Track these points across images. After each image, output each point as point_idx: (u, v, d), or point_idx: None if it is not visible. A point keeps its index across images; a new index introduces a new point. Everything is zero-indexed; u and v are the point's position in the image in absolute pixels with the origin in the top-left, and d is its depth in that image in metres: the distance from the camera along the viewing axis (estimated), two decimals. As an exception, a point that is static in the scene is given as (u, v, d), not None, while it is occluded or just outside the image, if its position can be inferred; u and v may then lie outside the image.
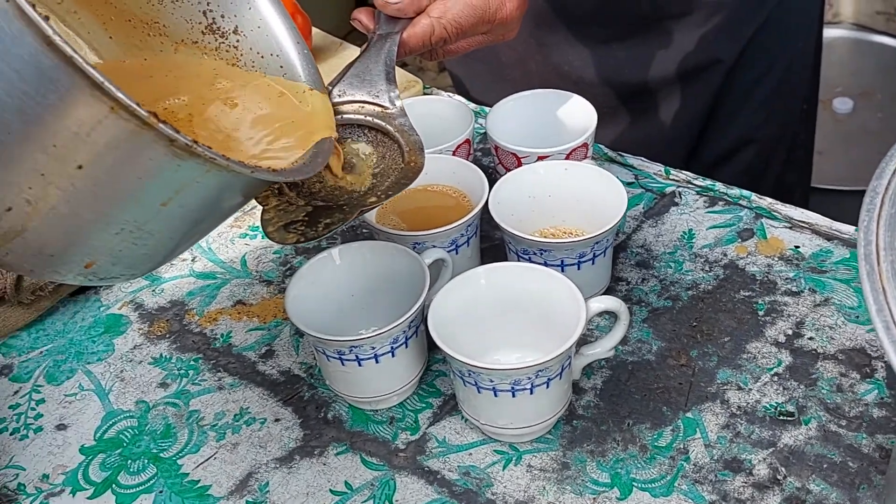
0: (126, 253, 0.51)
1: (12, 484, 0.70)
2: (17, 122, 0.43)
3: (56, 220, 0.47)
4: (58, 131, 0.44)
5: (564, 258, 0.72)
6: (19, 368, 0.79)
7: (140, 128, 0.44)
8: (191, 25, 0.65)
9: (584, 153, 0.81)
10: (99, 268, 0.52)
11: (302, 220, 0.59)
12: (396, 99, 0.65)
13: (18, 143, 0.44)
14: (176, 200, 0.49)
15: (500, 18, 0.69)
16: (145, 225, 0.50)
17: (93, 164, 0.45)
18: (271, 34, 0.64)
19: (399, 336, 0.68)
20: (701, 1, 0.98)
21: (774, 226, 0.82)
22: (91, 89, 0.43)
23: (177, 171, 0.47)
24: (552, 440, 0.68)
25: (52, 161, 0.45)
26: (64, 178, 0.46)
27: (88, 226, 0.49)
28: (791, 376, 0.70)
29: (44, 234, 0.48)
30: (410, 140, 0.63)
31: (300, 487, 0.67)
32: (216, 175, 0.49)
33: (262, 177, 0.52)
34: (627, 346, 0.74)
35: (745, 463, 0.65)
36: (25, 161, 0.45)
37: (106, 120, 0.44)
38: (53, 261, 0.50)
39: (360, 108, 0.65)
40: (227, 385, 0.76)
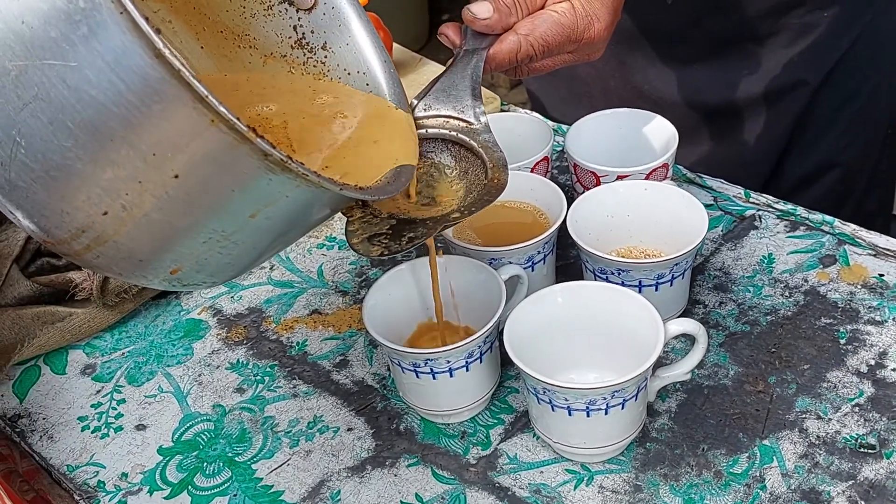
0: (211, 261, 0.53)
1: (92, 481, 0.72)
2: (121, 130, 0.45)
3: (148, 226, 0.49)
4: (158, 141, 0.45)
5: (642, 279, 0.72)
6: (102, 368, 0.82)
7: (238, 141, 0.45)
8: (280, 39, 0.66)
9: (664, 174, 0.81)
10: (183, 274, 0.53)
11: (385, 234, 0.59)
12: (482, 115, 0.65)
13: (120, 150, 0.45)
14: (264, 213, 0.50)
15: (588, 38, 0.69)
16: (232, 235, 0.51)
17: (188, 174, 0.47)
18: (359, 51, 0.65)
19: (474, 351, 0.68)
20: (787, 22, 0.96)
21: (858, 252, 0.81)
22: (194, 102, 0.44)
23: (268, 185, 0.48)
24: (625, 462, 0.68)
25: (149, 169, 0.46)
26: (160, 186, 0.47)
27: (178, 233, 0.50)
28: (873, 408, 0.69)
29: (135, 240, 0.49)
30: (494, 157, 0.63)
31: (371, 497, 0.68)
32: (305, 190, 0.50)
33: (349, 194, 0.53)
34: (703, 370, 0.73)
35: (824, 494, 0.63)
36: (125, 168, 0.46)
37: (206, 132, 0.45)
38: (142, 265, 0.51)
39: (445, 123, 0.65)
40: (301, 393, 0.77)
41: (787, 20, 0.97)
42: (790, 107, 1.02)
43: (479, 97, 0.66)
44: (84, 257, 0.50)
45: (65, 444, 0.75)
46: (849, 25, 0.99)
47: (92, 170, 0.46)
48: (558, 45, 0.68)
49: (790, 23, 0.97)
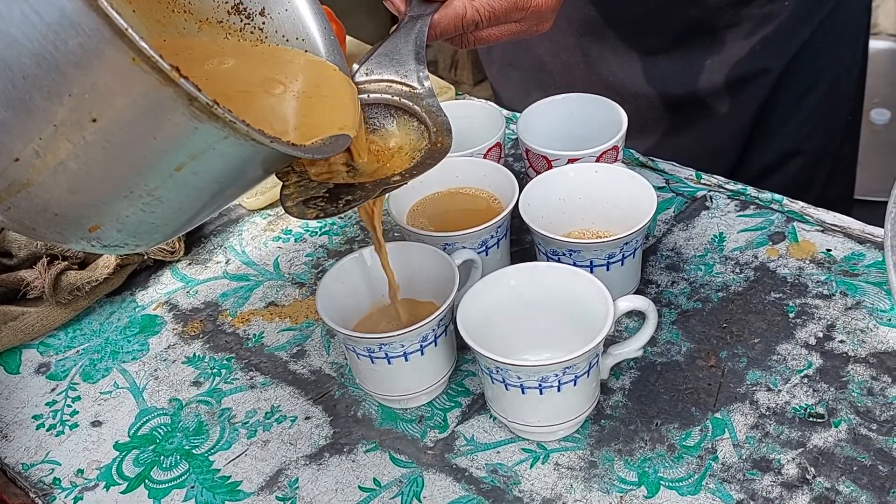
0: (133, 219, 0.50)
1: (48, 478, 0.71)
2: (34, 68, 0.42)
3: (64, 175, 0.46)
4: (75, 80, 0.42)
5: (594, 259, 0.72)
6: (56, 367, 0.81)
7: (161, 82, 0.42)
8: (217, 4, 0.63)
9: (614, 156, 0.82)
10: (103, 233, 0.50)
11: (322, 196, 0.58)
12: (425, 80, 0.64)
13: (32, 89, 0.42)
14: (190, 167, 0.47)
15: (535, 6, 0.68)
16: (156, 191, 0.48)
17: (108, 118, 0.43)
18: (298, 18, 0.63)
19: (428, 334, 0.68)
20: (750, 12, 0.97)
21: (806, 229, 0.82)
22: (114, 38, 0.41)
23: (194, 134, 0.45)
24: (580, 439, 0.68)
25: (65, 111, 0.43)
26: (76, 130, 0.44)
27: (97, 185, 0.47)
28: (821, 379, 0.70)
29: (50, 190, 0.46)
30: (438, 121, 0.62)
31: (329, 484, 0.68)
32: (234, 143, 0.47)
33: (280, 149, 0.50)
34: (656, 347, 0.74)
35: (774, 463, 0.64)
36: (38, 110, 0.43)
37: (126, 71, 0.42)
38: (58, 220, 0.48)
39: (388, 88, 0.64)
40: (258, 384, 0.77)
41: (750, 10, 0.98)
42: (753, 95, 1.03)
43: (422, 62, 0.64)
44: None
45: (20, 442, 0.74)
46: (810, 13, 1.00)
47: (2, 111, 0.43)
48: (504, 11, 0.67)
49: (752, 12, 0.98)
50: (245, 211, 0.95)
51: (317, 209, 0.57)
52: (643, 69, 1.03)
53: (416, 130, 0.64)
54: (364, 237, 0.90)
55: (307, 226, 0.93)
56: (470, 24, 0.67)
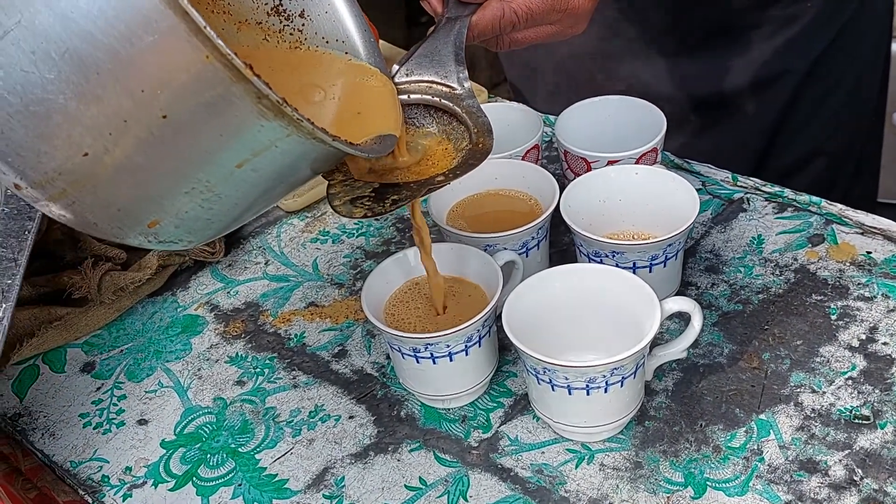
0: (191, 215, 0.50)
1: (97, 476, 0.72)
2: (109, 63, 0.42)
3: (131, 170, 0.46)
4: (148, 76, 0.42)
5: (637, 260, 0.73)
6: (101, 366, 0.82)
7: (233, 79, 0.42)
8: (257, 6, 0.63)
9: (653, 158, 0.82)
10: (161, 228, 0.50)
11: (368, 196, 0.58)
12: (465, 81, 0.64)
13: (106, 85, 0.42)
14: (251, 163, 0.48)
15: (572, 7, 0.69)
16: (216, 186, 0.49)
17: (177, 114, 0.44)
18: (338, 19, 0.63)
19: (473, 335, 0.69)
20: (773, 13, 0.98)
21: (845, 231, 0.82)
22: (189, 35, 0.41)
23: (259, 132, 0.46)
24: (624, 440, 0.69)
25: (136, 107, 0.43)
26: (145, 126, 0.44)
27: (161, 180, 0.47)
28: (865, 380, 0.70)
29: (115, 185, 0.46)
30: (479, 122, 0.62)
31: (375, 482, 0.68)
32: (295, 140, 0.47)
33: (341, 147, 0.50)
34: (698, 349, 0.74)
35: (821, 464, 0.65)
36: (110, 105, 0.43)
37: (199, 68, 0.42)
38: (120, 216, 0.49)
39: (428, 89, 0.64)
40: (301, 383, 0.77)
41: (773, 11, 0.98)
42: (776, 96, 1.03)
43: (462, 63, 0.64)
44: (58, 204, 0.47)
45: (67, 440, 0.75)
46: (834, 15, 1.00)
47: (75, 106, 0.43)
48: (542, 13, 0.68)
49: (775, 14, 0.98)
50: (283, 213, 0.96)
51: (364, 208, 0.58)
52: (666, 71, 1.04)
53: (457, 131, 0.64)
54: (401, 238, 0.91)
55: (344, 227, 0.93)
56: (507, 25, 0.68)
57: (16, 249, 0.72)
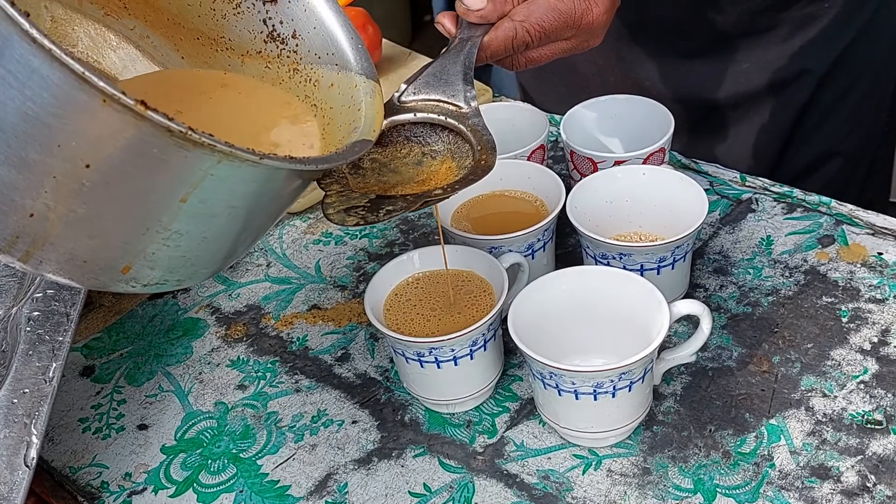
0: (161, 255, 0.50)
1: (96, 482, 0.71)
2: (22, 125, 0.43)
3: (78, 222, 0.46)
4: (59, 130, 0.43)
5: (644, 262, 0.72)
6: (100, 370, 0.81)
7: (135, 118, 0.43)
8: (253, 36, 0.64)
9: (661, 158, 0.81)
10: (137, 273, 0.50)
11: (363, 206, 0.58)
12: (472, 100, 0.64)
13: (25, 146, 0.44)
14: (195, 196, 0.48)
15: (586, 23, 0.68)
16: (171, 224, 0.48)
17: (99, 161, 0.44)
18: (327, 33, 0.63)
19: (478, 339, 0.68)
20: (789, 15, 0.96)
21: (856, 232, 0.81)
22: (80, 83, 0.42)
23: (184, 163, 0.46)
24: (632, 445, 0.67)
25: (59, 162, 0.44)
26: (74, 179, 0.45)
27: (111, 227, 0.48)
28: (878, 384, 0.69)
29: (70, 239, 0.47)
30: (483, 140, 0.62)
31: (379, 489, 0.67)
32: (229, 166, 0.47)
33: (272, 164, 0.49)
34: (707, 352, 0.73)
35: (834, 470, 0.63)
36: (36, 164, 0.44)
37: (101, 113, 0.43)
38: (88, 267, 0.49)
39: (435, 107, 0.64)
40: (304, 387, 0.76)
41: (788, 13, 0.97)
42: (792, 98, 1.01)
43: (470, 82, 0.65)
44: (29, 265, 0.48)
45: (66, 445, 0.74)
46: (852, 16, 0.99)
47: (6, 172, 0.44)
48: (555, 30, 0.67)
49: (791, 15, 0.97)
50: (285, 214, 0.95)
51: (357, 216, 0.57)
52: (679, 73, 1.02)
53: (462, 149, 0.64)
54: (404, 240, 0.90)
55: (347, 229, 0.92)
56: (520, 45, 0.67)
57: (68, 303, 0.71)
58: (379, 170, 0.63)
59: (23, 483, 0.59)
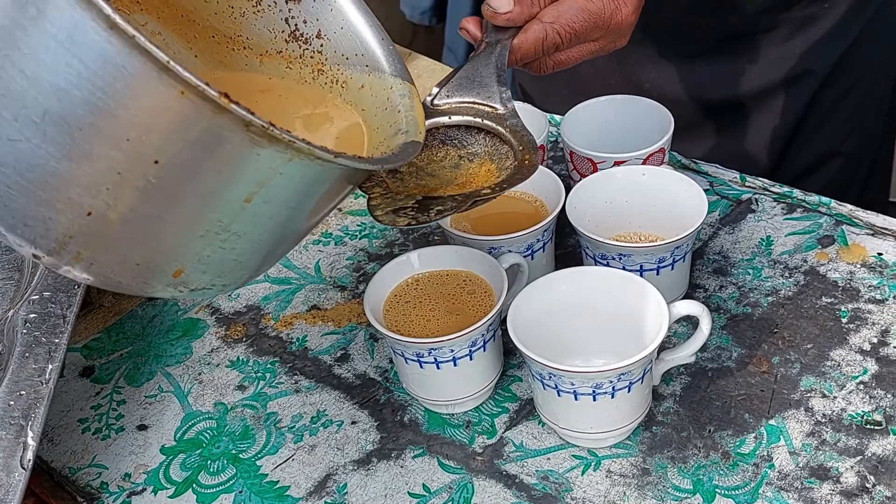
0: (214, 258, 0.49)
1: (95, 482, 0.71)
2: (88, 117, 0.41)
3: (137, 222, 0.45)
4: (130, 123, 0.41)
5: (644, 263, 0.72)
6: (100, 370, 0.81)
7: (213, 112, 0.41)
8: (273, 35, 0.63)
9: (660, 158, 0.81)
10: (188, 276, 0.49)
11: (412, 207, 0.57)
12: (508, 101, 0.63)
13: (91, 139, 0.42)
14: (260, 195, 0.46)
15: (615, 24, 0.67)
16: (231, 225, 0.47)
17: (169, 157, 0.43)
18: (355, 33, 0.62)
19: (477, 339, 0.68)
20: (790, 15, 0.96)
21: (856, 232, 0.81)
22: (159, 73, 0.40)
23: (257, 161, 0.44)
24: (631, 446, 0.67)
25: (126, 157, 0.42)
26: (140, 175, 0.43)
27: (171, 227, 0.46)
28: (877, 385, 0.69)
29: (127, 240, 0.45)
30: (524, 140, 0.62)
31: (378, 489, 0.67)
32: (300, 164, 0.45)
33: (346, 163, 0.48)
34: (707, 352, 0.73)
35: (833, 470, 0.63)
36: (100, 159, 0.42)
37: (177, 106, 0.41)
38: (140, 270, 0.47)
39: (470, 109, 0.63)
40: (303, 388, 0.76)
41: (789, 13, 0.97)
42: (794, 99, 1.01)
43: (504, 83, 0.64)
44: (77, 268, 0.46)
45: (66, 446, 0.74)
46: (854, 16, 0.98)
47: (67, 167, 0.42)
48: (585, 31, 0.66)
49: (792, 15, 0.97)
50: (285, 214, 0.95)
51: (408, 217, 0.56)
52: (681, 74, 1.02)
53: (500, 151, 0.63)
54: (404, 241, 0.90)
55: (347, 229, 0.92)
56: (550, 47, 0.66)
57: (65, 305, 0.70)
58: (416, 173, 0.62)
59: (19, 485, 0.58)
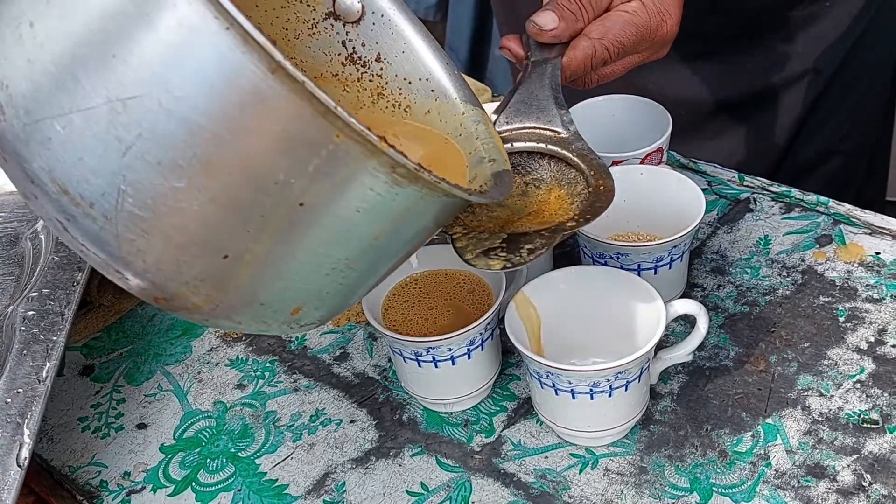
0: (332, 293, 0.48)
1: (95, 481, 0.71)
2: (239, 160, 0.40)
3: (270, 263, 0.43)
4: (281, 166, 0.40)
5: (641, 262, 0.72)
6: (100, 369, 0.81)
7: (367, 154, 0.40)
8: (329, 58, 0.61)
9: (658, 158, 0.81)
10: (304, 313, 0.48)
11: (500, 247, 0.55)
12: (570, 124, 0.62)
13: (239, 183, 0.40)
14: (390, 232, 0.46)
15: (660, 36, 0.67)
16: (356, 262, 0.46)
17: (313, 198, 0.41)
18: (417, 58, 0.60)
19: (476, 338, 0.68)
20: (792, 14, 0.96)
21: (854, 232, 0.81)
22: (316, 116, 0.39)
23: (395, 199, 0.43)
24: (629, 444, 0.68)
25: (273, 199, 0.41)
26: (284, 217, 0.42)
27: (302, 266, 0.45)
28: (874, 384, 0.69)
29: (258, 280, 0.44)
30: (594, 164, 0.60)
31: (377, 488, 0.68)
32: (430, 201, 0.45)
33: (476, 199, 0.47)
34: (704, 351, 0.73)
35: (829, 469, 0.64)
36: (247, 203, 0.41)
37: (331, 147, 0.40)
38: (263, 309, 0.46)
39: (531, 135, 0.62)
40: (302, 387, 0.76)
41: (792, 13, 0.97)
42: (796, 98, 1.01)
43: (563, 105, 0.62)
44: (202, 310, 0.45)
45: (65, 444, 0.75)
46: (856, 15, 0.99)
47: (210, 210, 0.41)
48: (632, 45, 0.66)
49: (794, 14, 0.97)
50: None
51: (501, 259, 0.55)
52: (682, 75, 1.02)
53: (568, 175, 0.62)
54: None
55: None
56: (599, 62, 0.66)
57: (63, 303, 0.70)
58: (487, 205, 0.61)
59: (15, 483, 0.59)
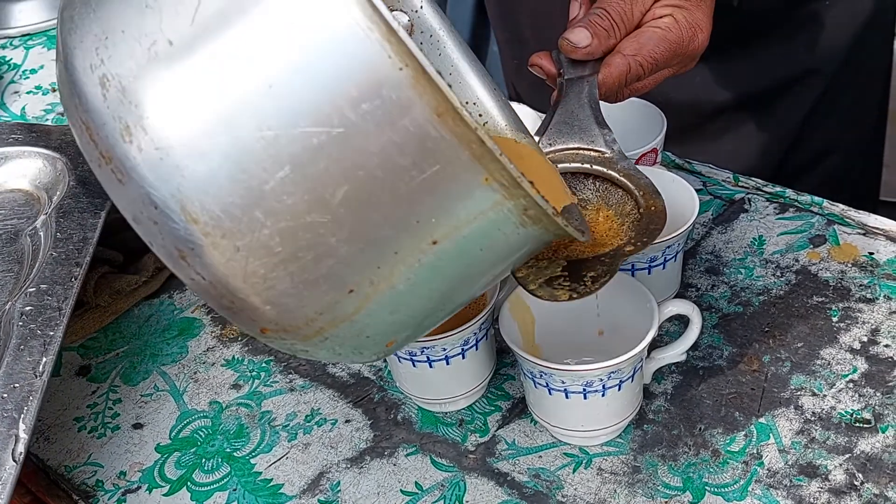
0: (431, 325, 0.47)
1: (91, 480, 0.72)
2: (388, 199, 0.39)
3: (390, 299, 0.42)
4: (424, 205, 0.40)
5: (635, 262, 0.72)
6: (96, 369, 0.81)
7: (506, 197, 0.40)
8: None
9: (653, 158, 0.81)
10: (397, 345, 0.47)
11: (562, 276, 0.54)
12: (613, 143, 0.61)
13: (381, 221, 0.39)
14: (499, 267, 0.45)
15: (693, 49, 0.67)
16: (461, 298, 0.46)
17: (447, 237, 0.41)
18: (465, 81, 0.60)
19: (470, 338, 0.68)
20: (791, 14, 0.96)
21: (847, 232, 0.81)
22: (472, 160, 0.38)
23: (515, 238, 0.43)
24: (622, 444, 0.68)
25: (409, 237, 0.40)
26: (415, 255, 0.41)
27: (417, 302, 0.44)
28: (867, 383, 0.69)
29: (372, 315, 0.43)
30: (641, 184, 0.59)
31: (371, 487, 0.68)
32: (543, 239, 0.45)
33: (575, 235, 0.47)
34: (698, 351, 0.73)
35: (821, 469, 0.64)
36: (384, 240, 0.40)
37: (475, 189, 0.39)
38: (367, 342, 0.45)
39: (575, 156, 0.61)
40: (297, 387, 0.77)
41: (791, 13, 0.97)
42: (798, 98, 1.01)
43: (604, 125, 0.62)
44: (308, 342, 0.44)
45: (62, 444, 0.75)
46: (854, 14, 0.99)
47: (346, 247, 0.40)
48: (665, 60, 0.66)
49: (792, 15, 0.97)
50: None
51: (566, 289, 0.54)
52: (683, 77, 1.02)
53: (614, 195, 0.61)
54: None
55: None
56: (633, 78, 0.65)
57: (61, 298, 0.70)
58: None
59: (10, 478, 0.59)
